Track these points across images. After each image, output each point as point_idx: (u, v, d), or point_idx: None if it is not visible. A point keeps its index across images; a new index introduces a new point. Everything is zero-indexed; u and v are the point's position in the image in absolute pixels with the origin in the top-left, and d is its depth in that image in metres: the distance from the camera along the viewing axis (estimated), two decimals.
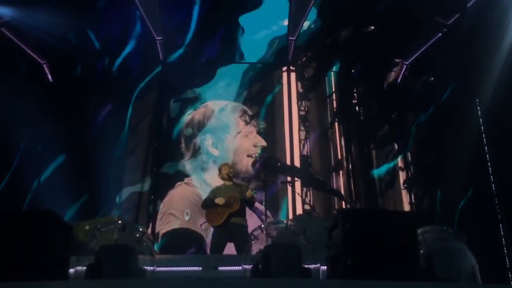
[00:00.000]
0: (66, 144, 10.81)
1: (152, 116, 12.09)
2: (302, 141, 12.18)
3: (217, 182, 8.48)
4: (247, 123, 12.14)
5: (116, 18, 11.41)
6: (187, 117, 12.10)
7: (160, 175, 11.51)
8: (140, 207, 11.22)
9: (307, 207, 11.39)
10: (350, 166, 12.14)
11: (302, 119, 12.39)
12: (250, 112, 12.25)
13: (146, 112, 12.09)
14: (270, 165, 11.61)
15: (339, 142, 12.42)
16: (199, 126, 12.05)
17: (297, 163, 11.82)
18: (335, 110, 12.63)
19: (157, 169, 11.55)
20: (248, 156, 11.75)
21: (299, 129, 12.18)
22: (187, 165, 11.73)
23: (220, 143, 11.94)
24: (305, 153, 12.12)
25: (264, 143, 11.96)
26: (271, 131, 12.14)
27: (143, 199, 11.32)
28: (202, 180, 11.56)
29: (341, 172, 12.09)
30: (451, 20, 10.80)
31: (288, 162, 11.71)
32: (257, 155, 11.73)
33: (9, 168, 10.56)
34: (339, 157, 12.26)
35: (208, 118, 12.12)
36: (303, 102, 12.58)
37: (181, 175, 11.59)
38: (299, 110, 12.38)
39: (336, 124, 12.54)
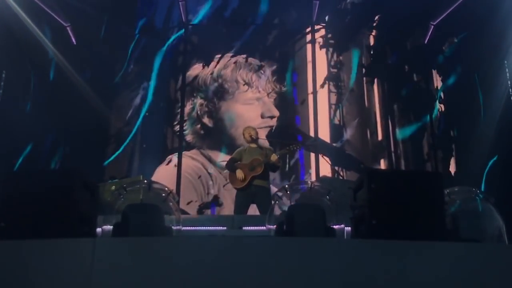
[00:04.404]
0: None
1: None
2: (333, 106, 10.82)
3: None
4: (249, 85, 11.02)
5: None
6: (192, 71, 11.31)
7: None
8: None
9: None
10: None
11: (333, 79, 10.88)
12: (268, 72, 11.23)
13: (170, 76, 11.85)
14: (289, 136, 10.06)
15: (379, 107, 10.96)
16: (202, 86, 11.30)
17: (325, 134, 10.53)
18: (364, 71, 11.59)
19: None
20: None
21: (329, 91, 10.81)
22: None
23: (216, 111, 11.10)
24: (337, 122, 10.62)
25: (275, 112, 10.87)
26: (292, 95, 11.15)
27: None
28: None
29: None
30: None
31: (313, 133, 10.53)
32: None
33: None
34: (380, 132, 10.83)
35: (216, 76, 11.33)
36: (334, 56, 11.03)
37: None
38: (329, 66, 10.97)
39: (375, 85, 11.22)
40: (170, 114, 11.57)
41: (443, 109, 11.83)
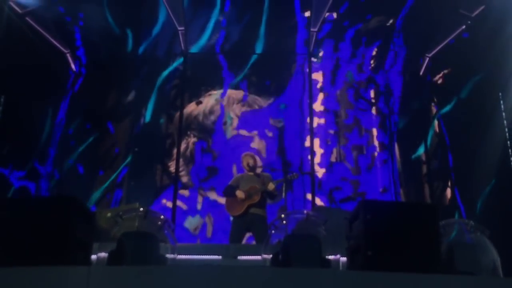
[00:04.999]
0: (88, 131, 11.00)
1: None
2: (330, 141, 10.80)
3: None
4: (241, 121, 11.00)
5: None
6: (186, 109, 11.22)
7: None
8: None
9: None
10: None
11: (330, 112, 11.02)
12: (262, 103, 11.34)
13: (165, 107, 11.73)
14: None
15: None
16: (195, 124, 11.29)
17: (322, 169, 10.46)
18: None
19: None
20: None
21: (326, 127, 10.87)
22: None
23: (212, 144, 11.00)
24: (334, 159, 10.68)
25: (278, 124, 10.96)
26: (289, 132, 11.04)
27: None
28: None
29: None
30: (476, 12, 10.63)
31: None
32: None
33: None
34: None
35: (206, 113, 11.35)
36: (331, 89, 11.22)
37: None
38: (326, 99, 11.08)
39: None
40: (162, 151, 11.38)
41: (439, 140, 11.88)
